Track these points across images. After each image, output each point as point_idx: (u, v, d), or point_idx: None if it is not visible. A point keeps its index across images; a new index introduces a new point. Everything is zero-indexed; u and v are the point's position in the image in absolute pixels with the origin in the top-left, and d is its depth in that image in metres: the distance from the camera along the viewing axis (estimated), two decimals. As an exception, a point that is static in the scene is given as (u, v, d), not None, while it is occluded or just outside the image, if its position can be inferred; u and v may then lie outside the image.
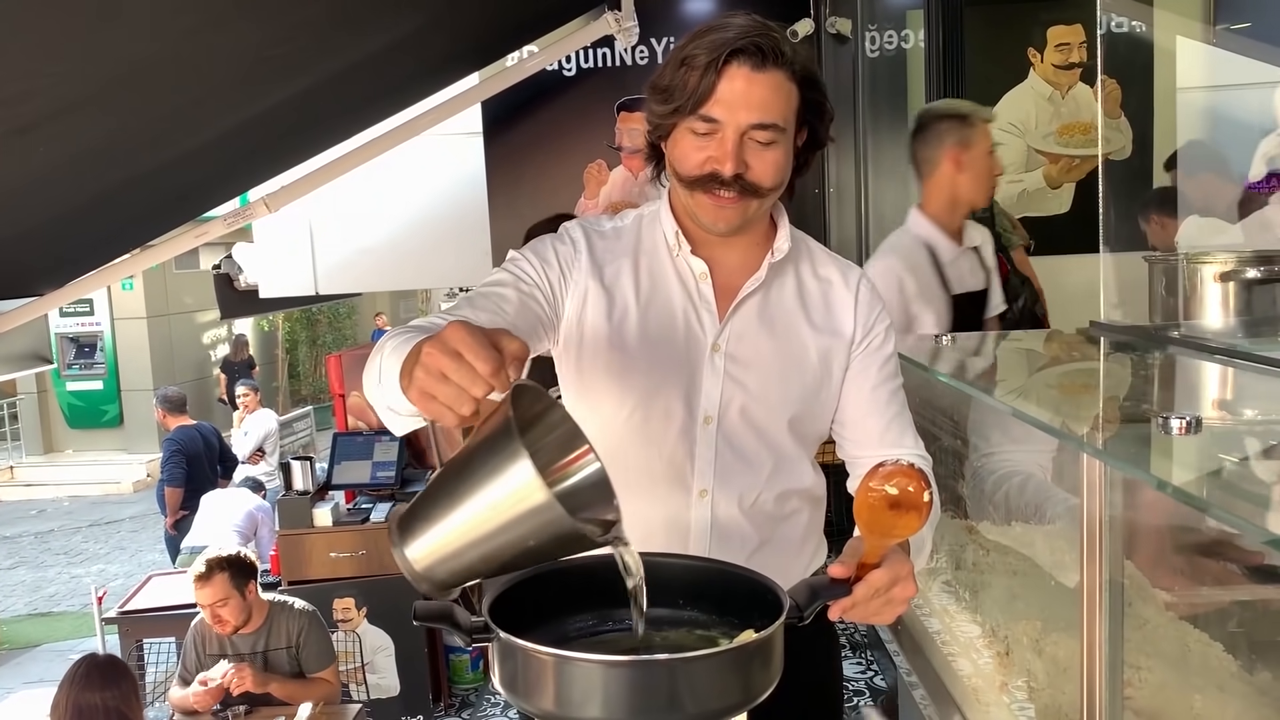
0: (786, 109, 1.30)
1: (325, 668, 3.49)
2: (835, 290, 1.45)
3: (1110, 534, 1.18)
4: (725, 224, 1.33)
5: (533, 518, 0.98)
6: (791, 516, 1.47)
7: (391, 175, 4.67)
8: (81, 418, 12.36)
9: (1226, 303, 1.66)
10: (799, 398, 1.41)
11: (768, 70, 1.27)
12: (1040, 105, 4.77)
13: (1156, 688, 1.29)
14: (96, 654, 2.99)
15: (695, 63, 1.28)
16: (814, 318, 1.43)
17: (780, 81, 1.28)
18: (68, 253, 3.31)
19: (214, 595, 3.28)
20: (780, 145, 1.30)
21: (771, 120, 1.28)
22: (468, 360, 0.95)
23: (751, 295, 1.41)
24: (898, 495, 1.01)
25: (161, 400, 6.62)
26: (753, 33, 1.27)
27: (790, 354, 1.41)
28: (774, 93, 1.28)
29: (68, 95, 1.93)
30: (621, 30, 3.95)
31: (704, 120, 1.28)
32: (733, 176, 1.28)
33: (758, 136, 1.28)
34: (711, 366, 1.39)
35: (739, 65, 1.27)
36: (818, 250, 1.49)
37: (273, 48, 2.34)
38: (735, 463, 1.40)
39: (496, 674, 1.04)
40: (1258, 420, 1.28)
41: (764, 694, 1.03)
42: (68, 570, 8.37)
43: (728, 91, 1.27)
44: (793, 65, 1.29)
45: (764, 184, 1.31)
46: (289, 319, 14.97)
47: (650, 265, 1.41)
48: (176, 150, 2.74)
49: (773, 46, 1.27)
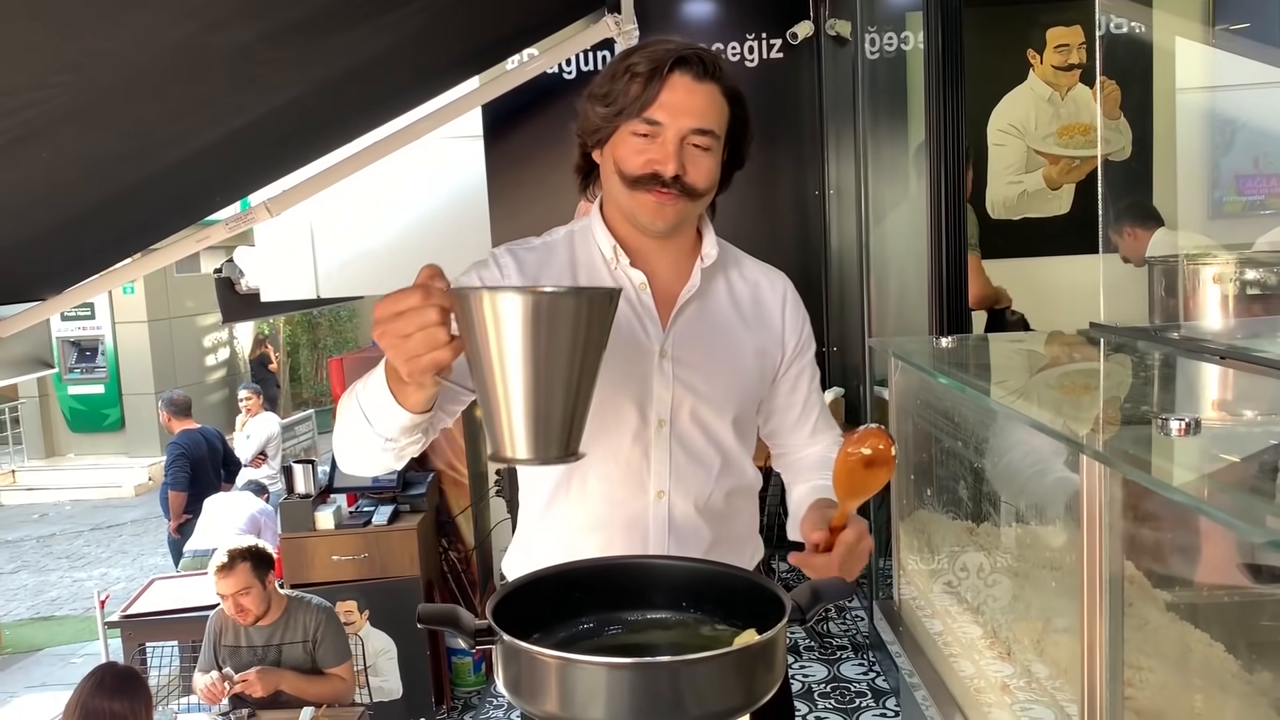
0: (720, 120, 1.40)
1: (341, 664, 3.53)
2: (763, 292, 1.56)
3: (1110, 535, 1.19)
4: (664, 222, 1.41)
5: (554, 319, 1.01)
6: (738, 513, 1.57)
7: (392, 179, 4.69)
8: (83, 421, 12.37)
9: (1226, 304, 1.67)
10: (740, 397, 1.51)
11: (706, 82, 1.38)
12: (1040, 106, 4.79)
13: (1157, 688, 1.30)
14: (116, 663, 3.03)
15: (639, 70, 1.37)
16: (746, 318, 1.53)
17: (716, 94, 1.39)
18: (69, 258, 3.32)
19: (236, 584, 3.35)
20: (714, 153, 1.41)
21: (709, 127, 1.38)
22: (405, 307, 1.07)
23: (690, 301, 1.48)
24: (872, 454, 1.17)
25: (166, 403, 6.63)
26: (688, 48, 1.38)
27: (731, 355, 1.50)
28: (711, 103, 1.38)
29: (70, 103, 1.94)
30: (621, 33, 3.96)
31: (647, 123, 1.37)
32: (673, 177, 1.37)
33: (696, 141, 1.37)
34: (660, 372, 1.45)
35: (681, 74, 1.36)
36: (742, 256, 1.60)
37: (273, 51, 2.35)
38: (689, 463, 1.47)
39: (500, 677, 1.05)
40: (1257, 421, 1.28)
41: (766, 696, 1.04)
42: (70, 574, 8.37)
43: (670, 98, 1.36)
44: (726, 83, 1.40)
45: (699, 186, 1.39)
46: (290, 322, 14.98)
47: (589, 277, 1.48)
48: (178, 155, 2.75)
49: (712, 61, 1.39)
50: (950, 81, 2.80)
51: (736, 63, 4.57)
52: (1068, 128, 4.80)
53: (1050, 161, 4.80)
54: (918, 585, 2.07)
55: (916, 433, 2.20)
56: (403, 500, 4.34)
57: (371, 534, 4.21)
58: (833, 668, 3.99)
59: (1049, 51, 4.79)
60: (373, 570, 4.21)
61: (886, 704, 3.68)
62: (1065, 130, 4.78)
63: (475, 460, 4.80)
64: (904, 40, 4.50)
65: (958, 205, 2.85)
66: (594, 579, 1.17)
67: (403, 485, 4.36)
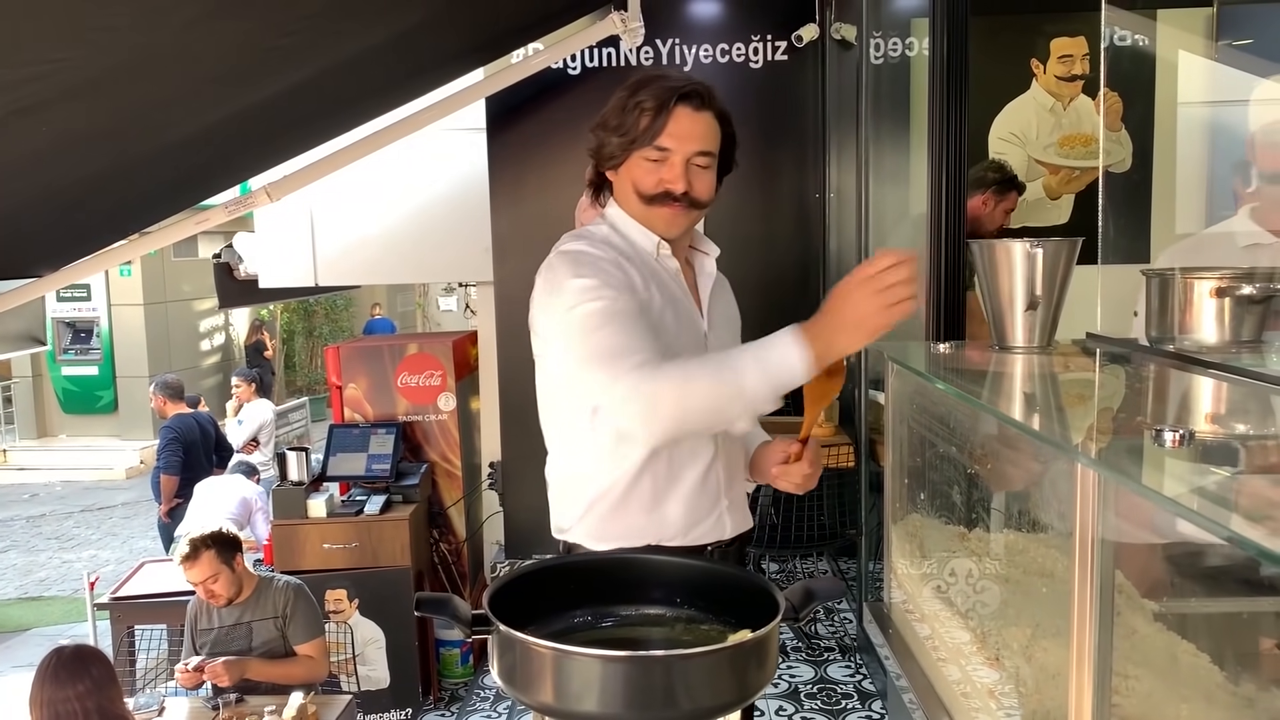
0: (716, 141, 1.67)
1: (311, 640, 3.52)
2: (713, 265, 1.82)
3: (1102, 544, 1.20)
4: (677, 229, 1.69)
5: None
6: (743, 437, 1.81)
7: (394, 168, 4.68)
8: (76, 403, 12.35)
9: (1221, 318, 1.68)
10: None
11: (704, 111, 1.64)
12: (1042, 116, 4.79)
13: (1144, 696, 1.31)
14: (63, 647, 2.90)
15: (647, 106, 1.62)
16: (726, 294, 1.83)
17: (711, 120, 1.65)
18: (66, 236, 3.31)
19: (204, 573, 3.35)
20: (712, 170, 1.67)
21: (709, 149, 1.65)
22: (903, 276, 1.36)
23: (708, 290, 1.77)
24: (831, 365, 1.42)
25: (161, 387, 6.62)
26: (692, 82, 1.64)
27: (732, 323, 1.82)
28: (709, 128, 1.65)
29: (72, 80, 1.94)
30: (627, 30, 3.96)
31: (658, 150, 1.62)
32: (682, 193, 1.63)
33: (699, 162, 1.64)
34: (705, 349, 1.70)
35: (684, 107, 1.62)
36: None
37: (278, 38, 2.35)
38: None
39: (494, 666, 1.06)
40: (1250, 434, 1.29)
41: (758, 692, 1.05)
42: (59, 555, 8.36)
43: (676, 128, 1.62)
44: (718, 107, 1.66)
45: (704, 198, 1.67)
46: (286, 309, 14.97)
47: (642, 266, 1.68)
48: (178, 136, 2.75)
49: (707, 92, 1.65)
50: (954, 88, 2.81)
51: (741, 64, 4.57)
52: (1069, 138, 4.81)
53: (1050, 171, 4.81)
54: (908, 589, 2.09)
55: (911, 437, 2.21)
56: (395, 490, 4.34)
57: (363, 523, 4.21)
58: (820, 669, 4.00)
59: (1053, 62, 4.80)
60: (364, 559, 4.21)
61: (873, 706, 3.69)
62: (1066, 141, 4.79)
63: (469, 452, 4.81)
64: (908, 46, 4.51)
65: (958, 211, 2.85)
66: (590, 573, 1.18)
67: (396, 475, 4.36)
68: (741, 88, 4.51)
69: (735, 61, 4.56)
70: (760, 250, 4.55)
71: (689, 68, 4.50)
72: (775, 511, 4.06)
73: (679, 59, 4.51)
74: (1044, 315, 1.94)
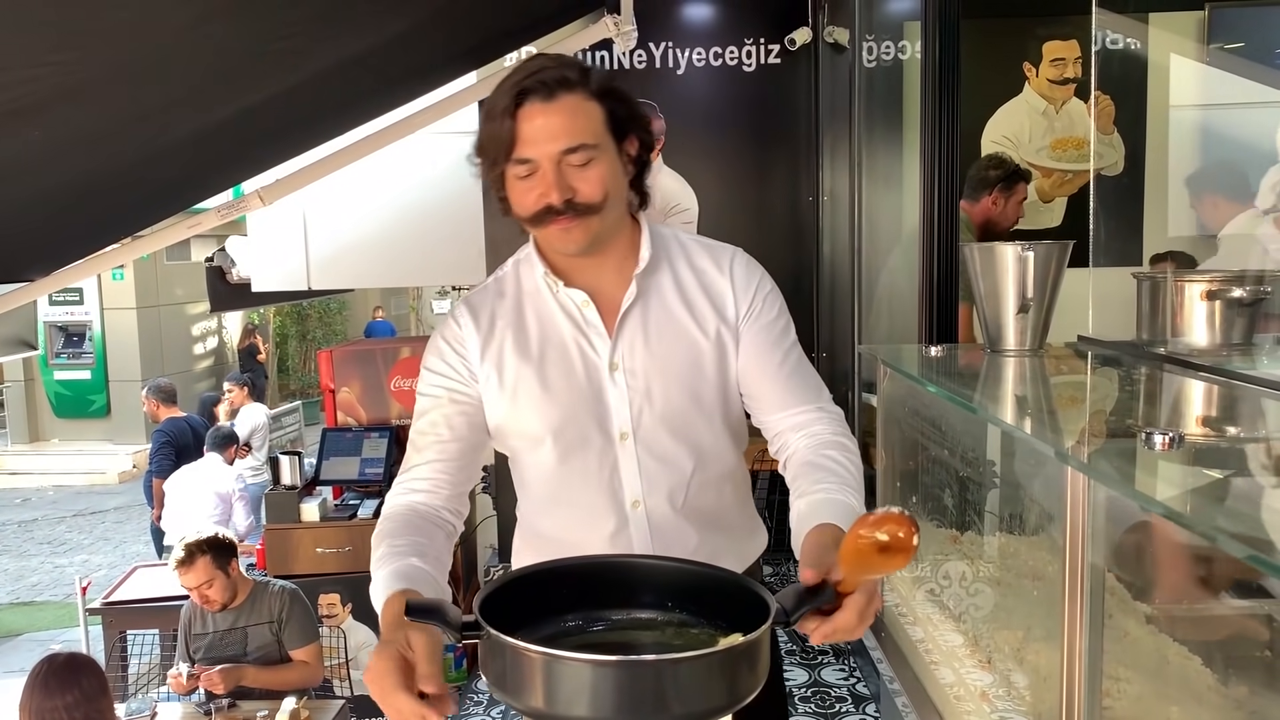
0: (591, 126, 1.36)
1: (307, 644, 3.51)
2: (710, 278, 1.50)
3: (1092, 546, 1.20)
4: (575, 245, 1.39)
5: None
6: (723, 501, 1.54)
7: (387, 172, 4.68)
8: (68, 407, 12.30)
9: (1212, 321, 1.68)
10: (702, 392, 1.47)
11: (559, 98, 1.33)
12: (1034, 119, 4.80)
13: (1135, 699, 1.31)
14: (55, 655, 2.87)
15: (495, 112, 1.35)
16: (697, 312, 1.48)
17: (577, 104, 1.35)
18: (59, 240, 3.30)
19: (199, 578, 3.34)
20: (600, 160, 1.36)
21: (579, 142, 1.34)
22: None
23: (632, 308, 1.46)
24: (888, 541, 1.01)
25: (153, 391, 6.60)
26: (536, 69, 1.35)
27: (683, 354, 1.46)
28: (572, 117, 1.34)
29: (66, 82, 1.93)
30: (620, 34, 3.96)
31: (520, 163, 1.35)
32: (563, 203, 1.34)
33: (572, 160, 1.34)
34: (614, 386, 1.45)
35: (530, 103, 1.33)
36: (690, 243, 1.54)
37: (272, 42, 2.34)
38: (660, 469, 1.46)
39: (485, 671, 1.05)
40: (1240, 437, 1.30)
41: (749, 697, 1.05)
42: (51, 560, 8.33)
43: (528, 130, 1.33)
44: (586, 85, 1.36)
45: (595, 200, 1.36)
46: (279, 313, 14.94)
47: (535, 306, 1.48)
48: (172, 140, 2.74)
49: (557, 77, 1.34)
50: (946, 91, 2.82)
51: (734, 67, 4.58)
52: (1061, 141, 4.82)
53: (1043, 174, 4.82)
54: (900, 592, 2.09)
55: (903, 440, 2.22)
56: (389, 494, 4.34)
57: (356, 527, 4.20)
58: (813, 672, 4.00)
59: (1045, 65, 4.81)
60: (357, 564, 4.20)
61: (866, 710, 3.69)
62: (1059, 144, 4.80)
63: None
64: (901, 49, 4.52)
65: (951, 214, 2.86)
66: (580, 577, 1.18)
67: (389, 479, 4.35)
68: (735, 91, 4.52)
69: (729, 65, 4.57)
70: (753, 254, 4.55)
71: (682, 71, 4.51)
72: (769, 515, 4.06)
73: (672, 62, 4.52)
74: (1035, 318, 1.94)
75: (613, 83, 1.41)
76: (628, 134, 1.42)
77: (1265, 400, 1.36)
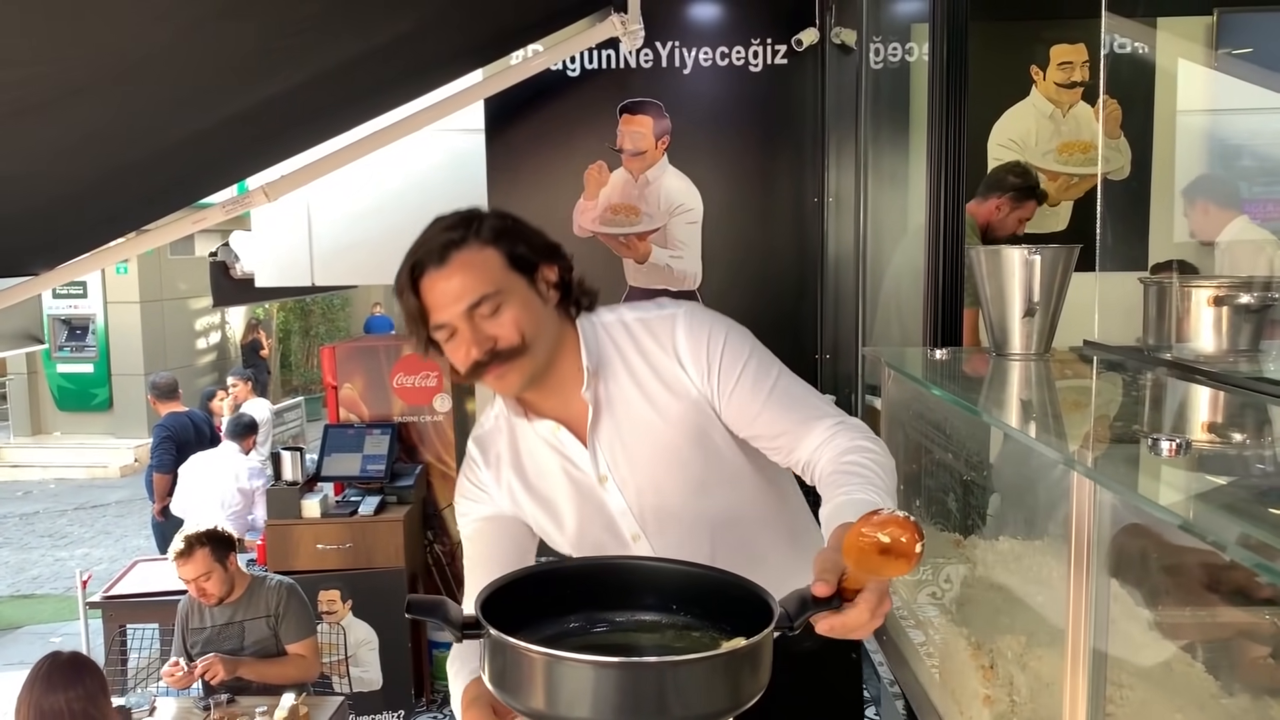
0: (491, 275, 1.39)
1: (303, 639, 3.51)
2: (659, 361, 1.48)
3: (1098, 552, 1.20)
4: (511, 389, 1.44)
5: None
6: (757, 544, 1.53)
7: (392, 169, 4.68)
8: (71, 400, 12.32)
9: (1219, 326, 1.68)
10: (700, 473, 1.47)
11: (450, 259, 1.38)
12: (1041, 123, 4.79)
13: (1138, 705, 1.30)
14: (59, 652, 2.89)
15: (401, 290, 1.43)
16: (659, 404, 1.47)
17: (469, 259, 1.38)
18: (64, 234, 3.31)
19: (196, 570, 3.35)
20: (510, 303, 1.39)
21: (479, 295, 1.37)
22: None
23: (598, 420, 1.47)
24: (889, 544, 1.01)
25: (152, 387, 6.61)
26: (426, 239, 1.41)
27: (663, 449, 1.46)
28: (468, 273, 1.38)
29: (74, 80, 1.93)
30: (627, 33, 3.96)
31: (439, 329, 1.40)
32: (486, 354, 1.38)
33: (481, 312, 1.37)
34: (610, 496, 1.49)
35: (427, 273, 1.39)
36: (633, 324, 1.51)
37: (279, 39, 2.34)
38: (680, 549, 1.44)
39: (485, 671, 1.05)
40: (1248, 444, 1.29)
41: (751, 700, 1.04)
42: (52, 553, 8.34)
43: (432, 298, 1.39)
44: (477, 236, 1.40)
45: (514, 343, 1.38)
46: (283, 309, 14.94)
47: (526, 440, 1.53)
48: (178, 136, 2.74)
49: (443, 240, 1.39)
50: (954, 94, 2.81)
51: (740, 67, 4.56)
52: (1068, 145, 4.80)
53: (1049, 178, 4.80)
54: (902, 595, 2.08)
55: (907, 443, 2.21)
56: (390, 491, 4.34)
57: (357, 524, 4.21)
58: (813, 674, 3.99)
59: (1052, 68, 4.79)
60: (357, 560, 4.21)
61: (867, 712, 3.69)
62: (1065, 147, 4.79)
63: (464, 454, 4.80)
64: (908, 51, 4.51)
65: (957, 217, 2.85)
66: (583, 578, 1.17)
67: (391, 476, 4.36)
68: (741, 91, 4.51)
69: (735, 65, 4.56)
70: (757, 257, 4.54)
71: (688, 71, 4.49)
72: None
73: (678, 62, 4.51)
74: (1041, 322, 1.93)
75: (506, 223, 1.45)
76: (535, 266, 1.43)
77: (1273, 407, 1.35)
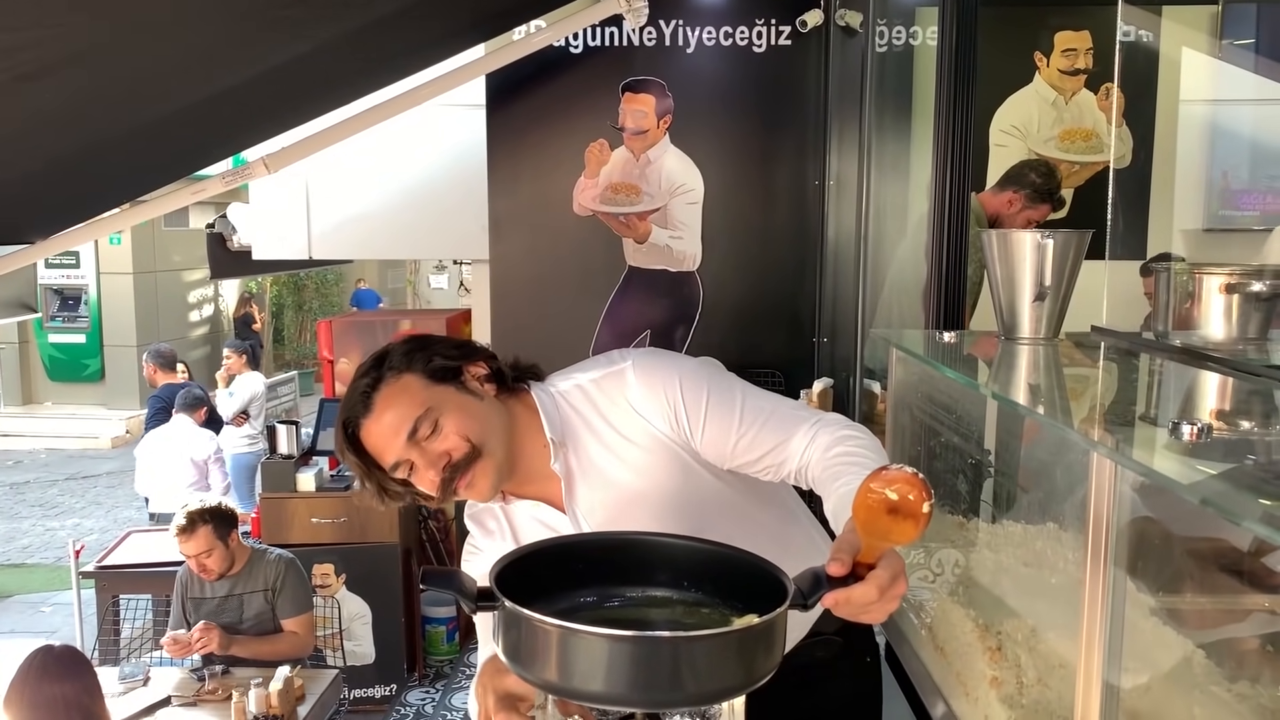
0: (414, 398, 1.38)
1: (300, 614, 3.52)
2: (619, 417, 1.45)
3: (1116, 536, 1.19)
4: (485, 494, 1.42)
5: None
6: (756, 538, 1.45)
7: (392, 143, 4.65)
8: (62, 370, 12.27)
9: (1229, 314, 1.68)
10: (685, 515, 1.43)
11: (375, 403, 1.38)
12: (1043, 109, 4.77)
13: (1144, 690, 1.31)
14: (52, 645, 2.82)
15: (344, 453, 1.42)
16: (629, 461, 1.45)
17: (390, 393, 1.39)
18: (59, 203, 3.28)
19: (198, 547, 3.35)
20: (447, 415, 1.38)
21: (413, 420, 1.37)
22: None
23: (573, 490, 1.45)
24: (897, 501, 0.98)
25: (153, 356, 6.59)
26: (348, 399, 1.41)
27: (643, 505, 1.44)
28: (393, 405, 1.38)
29: (73, 46, 1.90)
30: (631, 10, 3.93)
31: (395, 469, 1.39)
32: (448, 471, 1.37)
33: (421, 435, 1.37)
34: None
35: (361, 427, 1.39)
36: (587, 385, 1.49)
37: (281, 9, 2.32)
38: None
39: (500, 643, 1.05)
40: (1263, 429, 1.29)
41: (763, 678, 1.04)
42: (42, 523, 8.33)
43: (374, 444, 1.39)
44: (391, 369, 1.40)
45: (465, 451, 1.38)
46: (276, 283, 14.89)
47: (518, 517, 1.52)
48: (178, 105, 2.71)
49: (361, 389, 1.39)
50: (962, 78, 2.79)
51: (744, 48, 4.54)
52: (1070, 132, 4.79)
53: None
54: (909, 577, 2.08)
55: (913, 425, 2.21)
56: (385, 466, 4.33)
57: (352, 498, 4.20)
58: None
59: (1056, 55, 4.77)
60: (352, 535, 4.20)
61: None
62: (1067, 135, 4.77)
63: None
64: (913, 35, 4.48)
65: (962, 202, 2.84)
66: (597, 553, 1.17)
67: (386, 451, 4.35)
68: (744, 72, 4.48)
69: (738, 45, 4.53)
70: (758, 239, 4.52)
71: (691, 50, 4.46)
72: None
73: (681, 41, 4.47)
74: (1051, 307, 1.93)
75: (412, 345, 1.43)
76: (459, 371, 1.43)
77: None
